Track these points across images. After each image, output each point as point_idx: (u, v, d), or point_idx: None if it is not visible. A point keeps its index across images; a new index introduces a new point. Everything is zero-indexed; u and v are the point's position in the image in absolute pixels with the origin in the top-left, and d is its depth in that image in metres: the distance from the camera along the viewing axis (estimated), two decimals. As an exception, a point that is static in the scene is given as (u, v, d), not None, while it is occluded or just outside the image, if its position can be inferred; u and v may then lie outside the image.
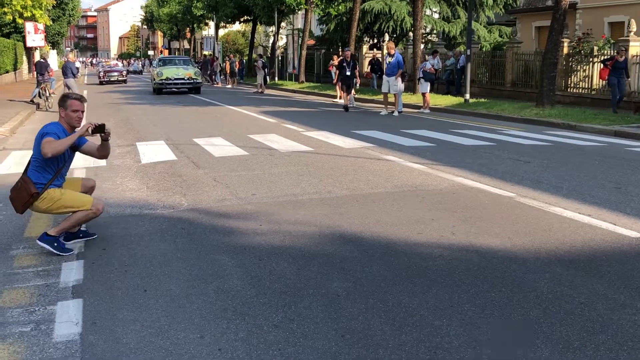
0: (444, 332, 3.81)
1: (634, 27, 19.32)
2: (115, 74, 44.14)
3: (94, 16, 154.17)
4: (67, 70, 22.49)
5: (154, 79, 29.99)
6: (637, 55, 19.22)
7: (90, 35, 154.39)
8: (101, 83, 42.67)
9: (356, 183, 8.29)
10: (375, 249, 5.49)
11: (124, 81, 44.03)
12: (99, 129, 5.77)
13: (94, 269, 5.17)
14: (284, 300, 4.38)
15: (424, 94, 20.38)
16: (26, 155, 11.46)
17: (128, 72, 46.16)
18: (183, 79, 29.75)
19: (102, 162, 10.40)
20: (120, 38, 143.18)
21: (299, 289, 4.58)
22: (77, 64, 39.58)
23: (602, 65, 18.24)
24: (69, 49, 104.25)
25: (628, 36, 19.31)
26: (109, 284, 4.80)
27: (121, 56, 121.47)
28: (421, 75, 20.30)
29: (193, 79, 30.00)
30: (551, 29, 17.94)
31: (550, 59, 17.94)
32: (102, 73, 44.06)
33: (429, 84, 20.26)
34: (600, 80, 18.98)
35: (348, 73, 20.73)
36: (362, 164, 9.82)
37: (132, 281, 4.86)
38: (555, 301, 4.22)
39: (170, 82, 29.49)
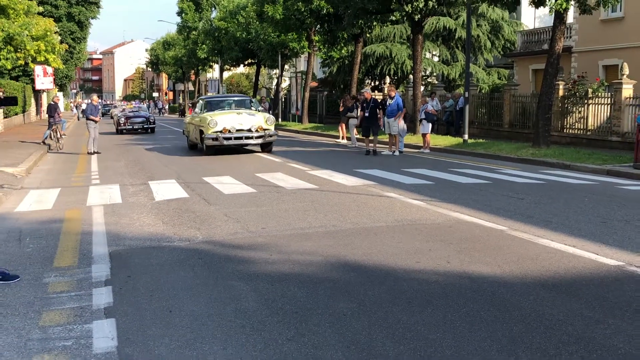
0: (437, 344, 4.33)
1: (626, 71, 20.04)
2: (140, 120, 34.52)
3: (100, 59, 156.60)
4: (87, 112, 22.74)
5: (202, 130, 19.25)
6: (629, 97, 19.91)
7: (95, 78, 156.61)
8: (120, 132, 33.90)
9: (359, 218, 8.84)
10: (377, 275, 6.03)
11: (152, 130, 34.66)
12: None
13: (122, 293, 5.70)
14: (296, 318, 4.91)
15: (424, 135, 21.06)
16: (43, 194, 12.09)
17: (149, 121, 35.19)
18: (250, 130, 19.03)
19: (119, 199, 11.01)
20: (125, 80, 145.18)
21: (308, 309, 5.10)
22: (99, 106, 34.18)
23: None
24: (74, 91, 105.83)
25: (621, 79, 20.02)
26: (137, 306, 5.33)
27: (126, 98, 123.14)
28: (423, 117, 21.00)
29: (265, 129, 19.20)
30: (545, 72, 18.68)
31: (545, 101, 18.63)
32: (122, 120, 34.39)
33: (430, 125, 20.97)
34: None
35: (367, 114, 19.44)
36: (364, 200, 10.38)
37: (157, 303, 5.39)
38: (537, 318, 4.75)
39: (232, 136, 18.85)
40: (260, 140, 19.15)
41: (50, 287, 5.95)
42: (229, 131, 18.78)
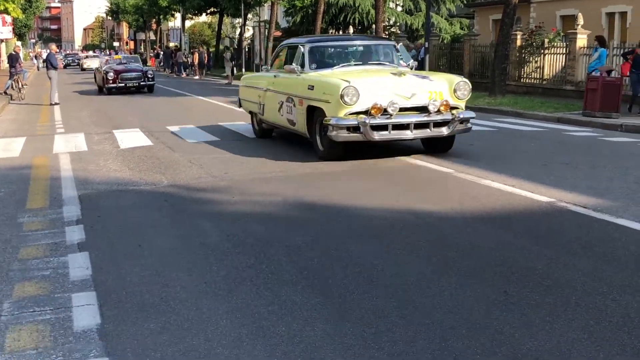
0: (379, 268, 4.87)
1: (580, 21, 20.56)
2: (135, 76, 25.57)
3: (58, 7, 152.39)
4: (47, 62, 22.42)
5: (320, 108, 9.18)
6: (583, 47, 20.51)
7: (54, 27, 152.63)
8: (108, 91, 24.99)
9: (320, 163, 9.30)
10: (331, 213, 6.54)
11: (150, 88, 26.05)
12: None
13: (93, 230, 6.13)
14: (255, 250, 5.40)
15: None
16: (10, 142, 12.31)
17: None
18: (425, 108, 9.06)
19: (85, 148, 11.31)
20: (84, 29, 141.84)
21: (267, 242, 5.60)
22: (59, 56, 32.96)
23: (623, 59, 16.13)
24: (33, 40, 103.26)
25: (576, 29, 20.57)
26: (108, 241, 5.77)
27: (85, 47, 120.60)
28: None
29: (453, 107, 9.33)
30: (502, 23, 19.16)
31: (501, 52, 19.15)
32: (111, 75, 25.00)
33: None
34: (623, 76, 15.86)
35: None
36: (323, 147, 10.82)
37: (127, 239, 5.84)
38: (470, 247, 5.32)
39: (391, 123, 8.88)
40: (446, 131, 9.27)
41: (25, 226, 6.34)
42: (386, 111, 8.87)
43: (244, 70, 42.07)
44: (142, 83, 25.65)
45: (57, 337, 3.85)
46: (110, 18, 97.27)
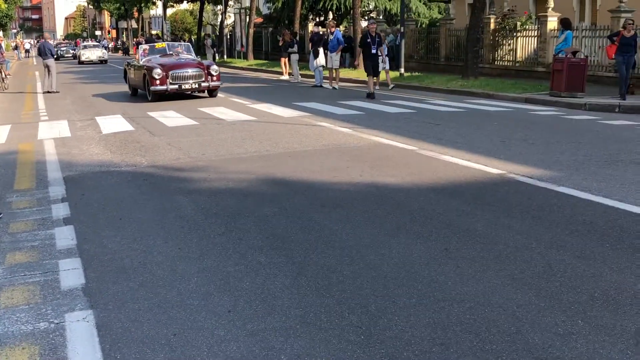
0: (337, 233, 5.40)
1: (551, 4, 21.11)
2: (193, 73, 17.20)
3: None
4: (46, 50, 21.49)
5: None
6: (554, 30, 21.07)
7: (35, 16, 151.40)
8: (157, 96, 16.98)
9: (290, 144, 9.82)
10: (299, 188, 7.06)
11: (213, 91, 17.93)
12: None
13: (77, 207, 6.61)
14: (226, 220, 5.91)
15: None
16: (-3, 129, 12.69)
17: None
18: None
19: (68, 134, 11.74)
20: (66, 18, 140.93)
21: (238, 213, 6.11)
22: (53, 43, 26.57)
23: (608, 41, 15.60)
24: (14, 30, 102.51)
25: (547, 12, 21.12)
26: (92, 216, 6.26)
27: (67, 37, 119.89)
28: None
29: None
30: (473, 7, 19.72)
31: (473, 35, 19.69)
32: (158, 72, 16.73)
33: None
34: (608, 58, 16.22)
35: (374, 51, 16.97)
36: (297, 129, 11.36)
37: (109, 213, 6.33)
38: (421, 213, 5.87)
39: None
40: None
41: (14, 205, 6.81)
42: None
43: (225, 57, 42.42)
44: (202, 84, 17.14)
45: (46, 295, 4.35)
46: (91, 7, 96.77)
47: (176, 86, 16.86)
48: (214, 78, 17.40)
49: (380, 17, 34.77)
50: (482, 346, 3.42)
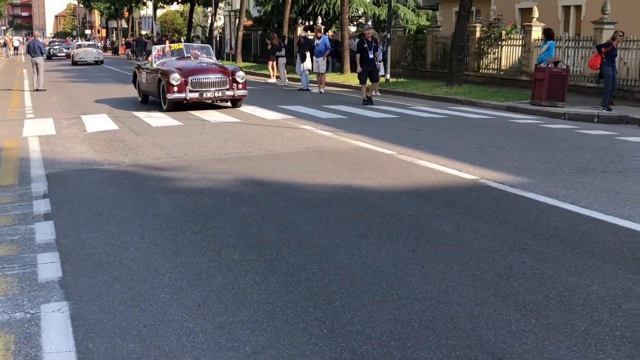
0: (310, 232, 5.56)
1: (536, 14, 21.43)
2: (217, 79, 14.90)
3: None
4: (36, 48, 21.48)
5: None
6: (538, 39, 21.37)
7: (25, 14, 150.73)
8: (174, 106, 14.67)
9: (272, 146, 9.98)
10: (277, 188, 7.22)
11: (237, 101, 15.78)
12: None
13: (58, 203, 6.73)
14: (203, 219, 6.06)
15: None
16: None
17: None
18: None
19: (53, 132, 11.84)
20: (56, 17, 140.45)
21: (215, 212, 6.26)
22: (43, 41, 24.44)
23: (595, 51, 15.61)
24: (4, 27, 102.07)
25: (531, 22, 21.42)
26: (72, 212, 6.39)
27: (57, 35, 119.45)
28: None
29: None
30: (459, 15, 19.96)
31: (458, 43, 19.94)
32: (176, 78, 14.34)
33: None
34: (591, 69, 16.14)
35: (371, 56, 16.74)
36: (280, 131, 11.52)
37: (89, 210, 6.46)
38: (393, 215, 6.04)
39: None
40: None
41: (-5, 200, 6.92)
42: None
43: (214, 59, 42.45)
44: (227, 92, 14.77)
45: (23, 287, 4.48)
46: (82, 5, 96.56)
47: (196, 94, 14.47)
48: (240, 86, 15.11)
49: (369, 23, 35.05)
50: (438, 341, 3.59)
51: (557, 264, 4.73)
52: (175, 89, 14.35)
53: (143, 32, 63.21)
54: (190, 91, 14.46)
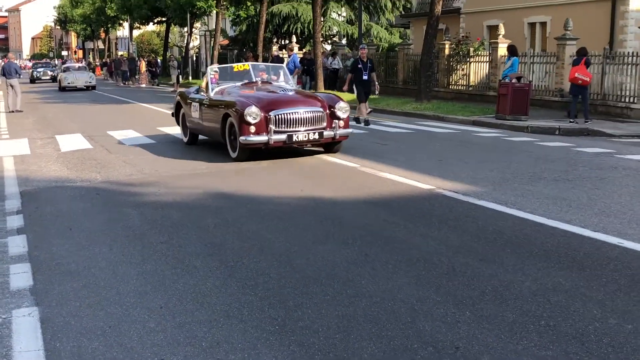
0: (271, 241, 5.89)
1: (502, 31, 22.02)
2: (310, 115, 10.29)
3: (5, 16, 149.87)
4: (11, 70, 21.91)
5: None
6: (504, 56, 21.95)
7: (1, 36, 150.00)
8: (247, 153, 10.32)
9: (240, 162, 10.28)
10: (243, 201, 7.54)
11: (337, 144, 10.96)
12: None
13: (31, 218, 6.99)
14: (169, 230, 6.36)
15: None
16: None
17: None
18: None
19: (28, 151, 12.07)
20: (32, 38, 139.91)
21: (181, 224, 6.56)
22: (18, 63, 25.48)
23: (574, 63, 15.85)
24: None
25: (497, 39, 22.01)
26: (44, 226, 6.66)
27: (34, 57, 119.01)
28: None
29: None
30: (426, 33, 20.49)
31: (426, 60, 20.47)
32: (253, 113, 9.92)
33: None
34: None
35: (365, 77, 15.95)
36: (251, 148, 11.82)
37: (60, 224, 6.73)
38: (350, 222, 6.39)
39: None
40: None
41: (-32, 217, 7.16)
42: None
43: (190, 78, 42.76)
44: (325, 133, 10.44)
45: (-5, 295, 4.75)
46: (58, 27, 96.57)
47: (283, 136, 10.02)
48: (342, 123, 10.62)
49: (343, 42, 35.65)
50: (379, 332, 3.93)
51: (497, 264, 5.09)
52: (253, 128, 9.88)
53: (119, 53, 63.38)
54: (275, 132, 9.96)
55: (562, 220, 6.29)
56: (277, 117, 10.01)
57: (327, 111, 10.45)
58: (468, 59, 23.42)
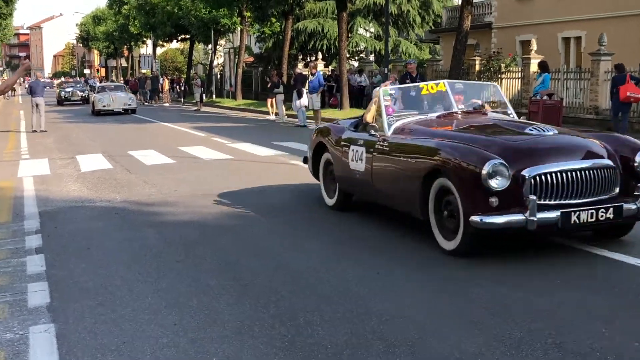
0: (287, 258, 5.96)
1: (534, 46, 21.67)
2: (591, 172, 5.63)
3: (27, 34, 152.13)
4: (39, 89, 22.26)
5: None
6: (535, 72, 21.61)
7: (22, 54, 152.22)
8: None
9: (260, 181, 10.35)
10: (258, 220, 7.65)
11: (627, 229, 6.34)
12: None
13: (49, 238, 7.12)
14: (185, 249, 6.45)
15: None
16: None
17: None
18: None
19: (48, 172, 12.27)
20: (54, 56, 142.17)
21: (198, 243, 6.66)
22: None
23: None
24: (1, 68, 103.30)
25: (529, 54, 21.69)
26: (62, 245, 6.79)
27: (56, 75, 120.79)
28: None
29: None
30: (454, 49, 20.44)
31: (454, 77, 20.36)
32: (502, 173, 5.42)
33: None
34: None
35: (413, 94, 16.34)
36: (270, 167, 11.96)
37: (78, 243, 6.86)
38: (358, 241, 6.46)
39: None
40: None
41: (-11, 236, 7.32)
42: None
43: (214, 96, 42.97)
44: (625, 207, 5.63)
45: (13, 312, 4.87)
46: (81, 45, 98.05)
47: (554, 214, 5.50)
48: None
49: (371, 58, 35.36)
50: (388, 349, 3.97)
51: (505, 284, 5.11)
52: (495, 200, 5.51)
53: (143, 71, 63.83)
54: (542, 207, 5.48)
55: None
56: (538, 179, 5.56)
57: (619, 165, 5.94)
58: (499, 75, 22.98)
